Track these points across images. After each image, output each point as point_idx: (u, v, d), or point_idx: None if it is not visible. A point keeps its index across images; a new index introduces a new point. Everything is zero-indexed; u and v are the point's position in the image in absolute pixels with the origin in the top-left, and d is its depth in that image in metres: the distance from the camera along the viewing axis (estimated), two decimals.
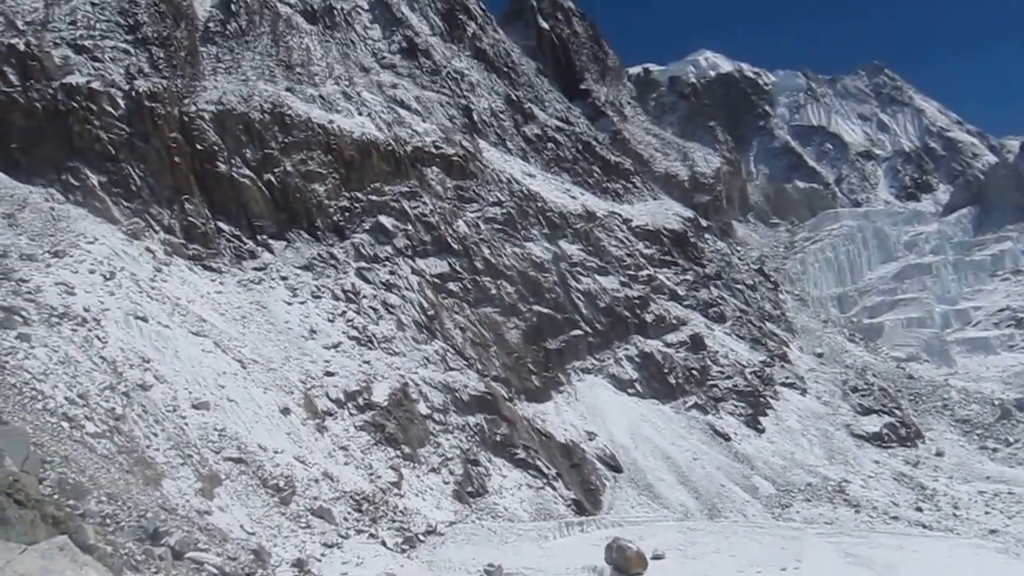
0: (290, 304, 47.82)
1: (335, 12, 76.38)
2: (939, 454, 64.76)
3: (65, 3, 55.70)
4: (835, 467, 58.71)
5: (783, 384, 68.88)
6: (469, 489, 41.53)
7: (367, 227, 55.80)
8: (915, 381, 79.44)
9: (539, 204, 67.10)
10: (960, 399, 75.42)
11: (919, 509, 54.06)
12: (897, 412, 68.66)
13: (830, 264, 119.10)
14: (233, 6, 64.61)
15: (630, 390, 59.76)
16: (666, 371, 62.00)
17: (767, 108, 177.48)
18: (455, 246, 57.85)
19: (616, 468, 51.14)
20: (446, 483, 40.77)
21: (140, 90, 51.09)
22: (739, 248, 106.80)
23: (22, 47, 49.55)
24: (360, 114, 62.22)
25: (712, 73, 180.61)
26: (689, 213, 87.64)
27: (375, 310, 50.31)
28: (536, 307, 59.32)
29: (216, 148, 52.89)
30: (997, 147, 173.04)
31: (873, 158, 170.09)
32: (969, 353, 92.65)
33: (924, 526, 51.16)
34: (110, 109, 49.75)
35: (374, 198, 57.52)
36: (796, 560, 28.69)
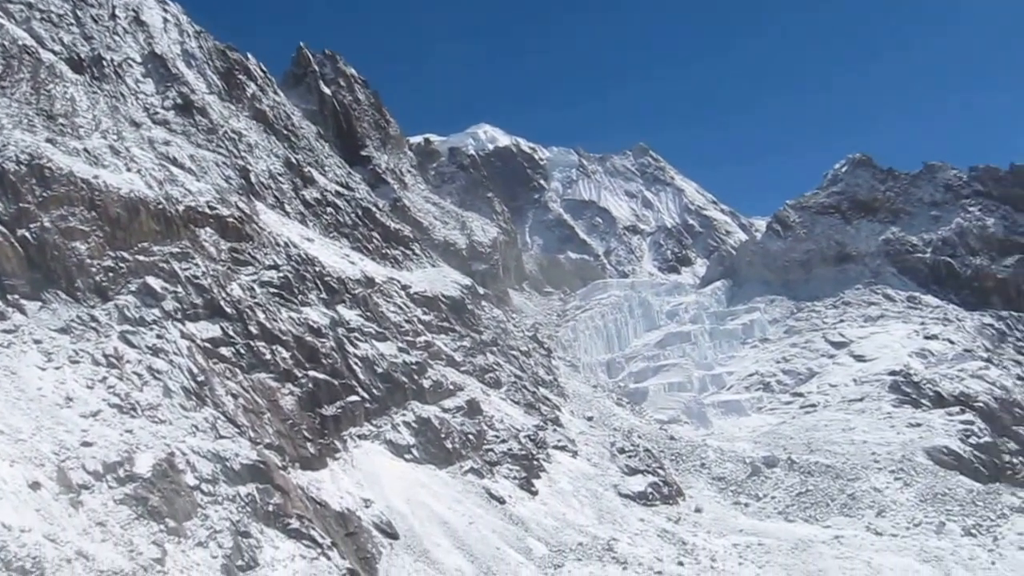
0: (44, 370, 44.35)
1: (104, 63, 73.06)
2: (698, 510, 68.55)
3: None
4: (604, 526, 60.72)
5: (555, 447, 70.87)
6: (239, 562, 39.68)
7: (133, 289, 52.92)
8: (676, 442, 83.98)
9: (317, 269, 66.38)
10: (716, 458, 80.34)
11: (681, 563, 56.77)
12: (660, 472, 72.22)
13: (599, 332, 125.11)
14: None
15: (407, 456, 59.53)
16: (443, 436, 62.35)
17: (542, 182, 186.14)
18: (228, 310, 56.02)
19: (393, 535, 50.57)
20: (214, 557, 38.80)
21: None
22: (515, 316, 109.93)
23: None
24: (129, 170, 59.35)
25: (491, 146, 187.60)
26: (467, 281, 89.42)
27: (139, 376, 47.57)
28: (312, 373, 58.22)
29: None
30: (747, 225, 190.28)
31: (639, 232, 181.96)
32: (724, 415, 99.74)
33: None
34: None
35: (142, 258, 54.76)
36: None
